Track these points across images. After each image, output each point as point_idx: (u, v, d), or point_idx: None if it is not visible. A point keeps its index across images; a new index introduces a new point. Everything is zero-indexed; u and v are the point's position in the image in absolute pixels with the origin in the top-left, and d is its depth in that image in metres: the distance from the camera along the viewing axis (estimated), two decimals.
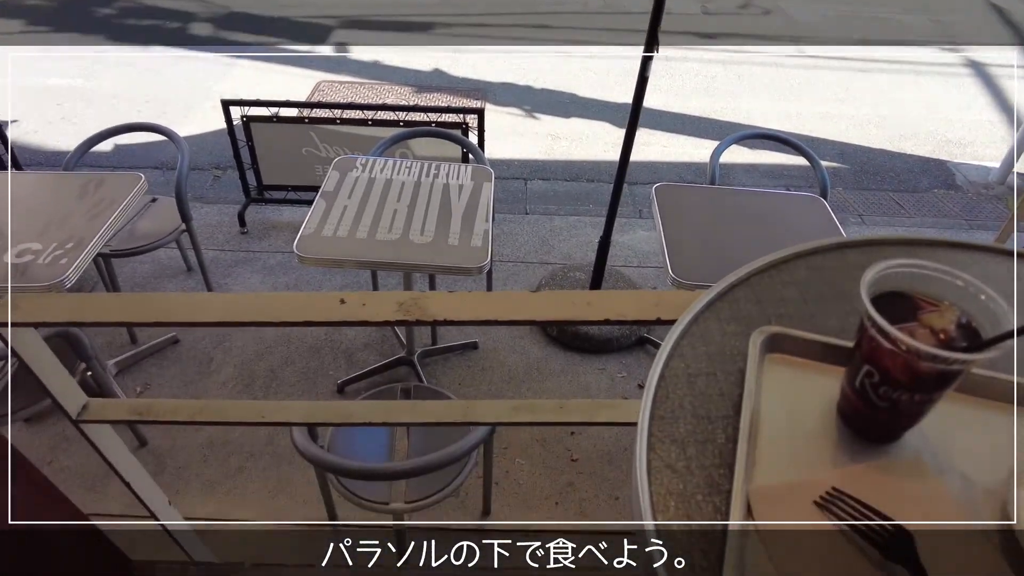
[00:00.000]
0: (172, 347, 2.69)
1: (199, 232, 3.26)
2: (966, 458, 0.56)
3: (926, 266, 0.55)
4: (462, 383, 2.55)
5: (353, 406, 1.11)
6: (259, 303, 0.97)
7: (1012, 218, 2.56)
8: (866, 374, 0.53)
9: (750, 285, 0.73)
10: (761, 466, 0.55)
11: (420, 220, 2.08)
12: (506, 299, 0.93)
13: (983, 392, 0.61)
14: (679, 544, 0.50)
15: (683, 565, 0.49)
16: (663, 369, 0.63)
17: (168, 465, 2.26)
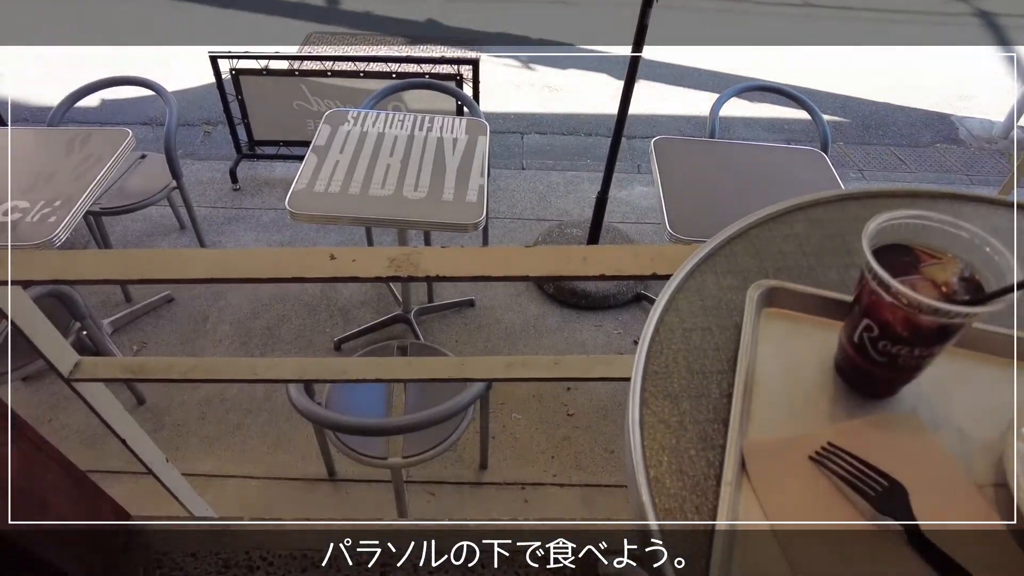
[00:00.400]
0: (167, 305, 2.68)
1: (190, 189, 3.21)
2: (963, 414, 0.55)
3: (930, 217, 0.54)
4: (459, 340, 2.55)
5: (348, 363, 1.10)
6: (248, 259, 0.95)
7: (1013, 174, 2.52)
8: (865, 328, 0.52)
9: (748, 238, 0.71)
10: (756, 421, 0.55)
11: (414, 175, 2.04)
12: (500, 254, 0.91)
13: (982, 347, 0.60)
14: (672, 499, 0.50)
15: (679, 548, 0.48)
16: (657, 324, 0.62)
17: (167, 423, 2.28)
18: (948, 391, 0.57)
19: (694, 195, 1.99)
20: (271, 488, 2.14)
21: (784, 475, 0.51)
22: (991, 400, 0.56)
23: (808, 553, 0.46)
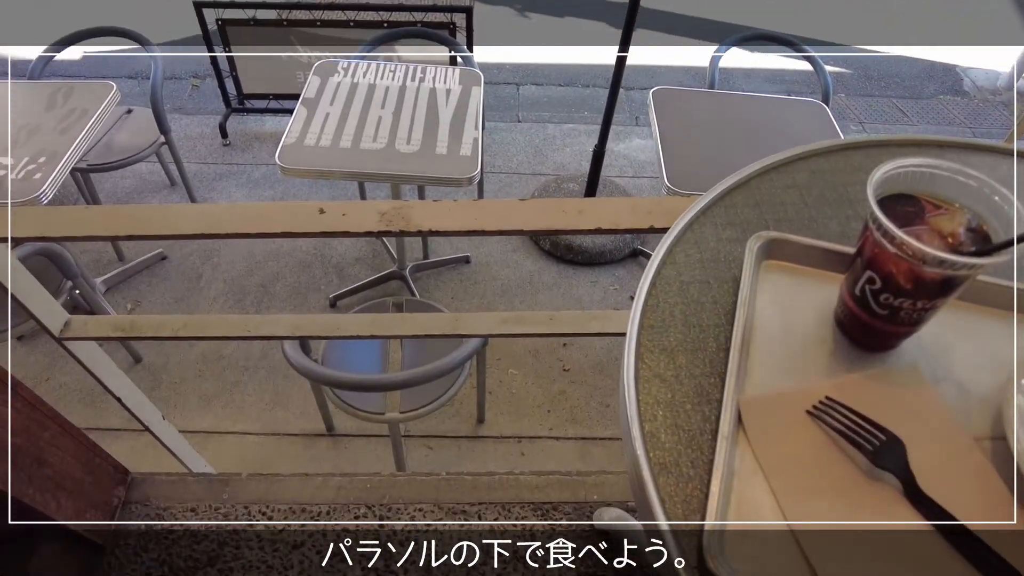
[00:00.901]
0: (160, 264, 2.65)
1: (180, 144, 3.15)
2: (964, 367, 0.55)
3: (938, 165, 0.52)
4: (455, 297, 2.54)
5: (341, 319, 1.09)
6: (237, 214, 0.93)
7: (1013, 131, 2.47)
8: (867, 280, 0.51)
9: (749, 188, 0.69)
10: (753, 375, 0.54)
11: (406, 128, 1.99)
12: (494, 208, 0.89)
13: (985, 299, 0.58)
14: (667, 453, 0.49)
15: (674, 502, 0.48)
16: (654, 277, 0.61)
17: (164, 381, 2.28)
18: (949, 344, 0.56)
19: (693, 148, 1.95)
20: (270, 444, 2.16)
21: (781, 429, 0.50)
22: (992, 353, 0.55)
23: (804, 507, 0.46)
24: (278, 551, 1.29)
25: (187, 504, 1.35)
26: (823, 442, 0.50)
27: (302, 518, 1.32)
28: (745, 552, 0.44)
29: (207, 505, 1.35)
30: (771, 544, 0.45)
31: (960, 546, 0.44)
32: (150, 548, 1.29)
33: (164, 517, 1.33)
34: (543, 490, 1.36)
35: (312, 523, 1.32)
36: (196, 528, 1.32)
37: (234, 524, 1.32)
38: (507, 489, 1.36)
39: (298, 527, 1.31)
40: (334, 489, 1.36)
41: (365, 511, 1.33)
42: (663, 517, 0.46)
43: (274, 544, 1.30)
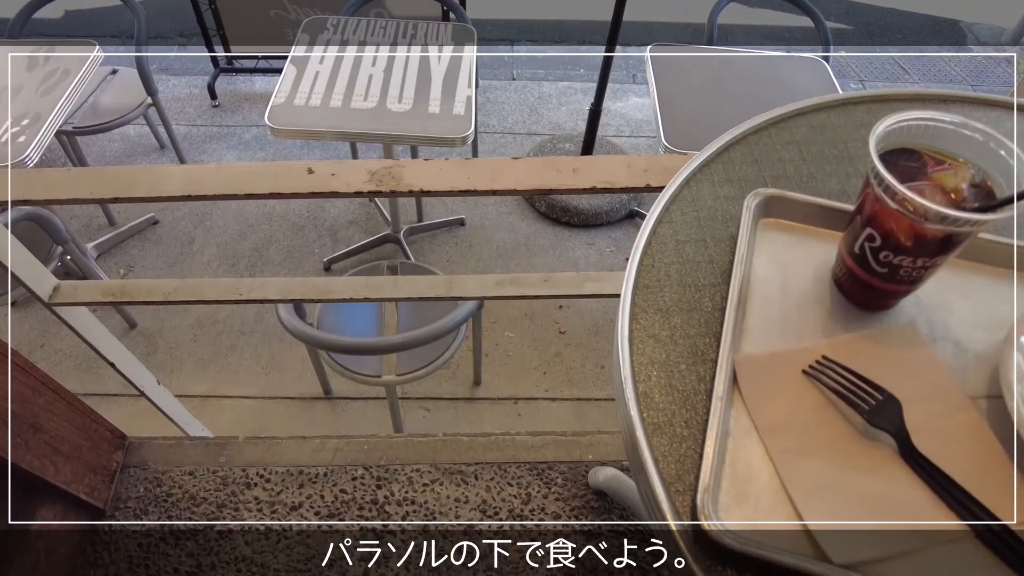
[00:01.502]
0: (152, 228, 2.62)
1: (168, 107, 3.09)
2: (962, 325, 0.54)
3: (942, 119, 0.50)
4: (450, 260, 2.53)
5: (334, 282, 1.08)
6: (222, 175, 0.91)
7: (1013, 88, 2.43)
8: (867, 238, 0.49)
9: (747, 145, 0.67)
10: (749, 335, 0.53)
11: (398, 86, 1.95)
12: (487, 167, 0.87)
13: (983, 257, 0.57)
14: (661, 413, 0.49)
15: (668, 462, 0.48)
16: (649, 236, 0.59)
17: (159, 346, 2.28)
18: (947, 302, 0.55)
19: (691, 106, 1.92)
20: (267, 408, 2.18)
21: (776, 389, 0.49)
22: (990, 312, 0.54)
23: (798, 467, 0.46)
24: (276, 512, 1.30)
25: (185, 468, 1.36)
26: (819, 402, 0.49)
27: (300, 480, 1.34)
28: (739, 512, 0.44)
29: (205, 469, 1.36)
30: (765, 504, 0.45)
31: (953, 504, 0.44)
32: (150, 511, 1.30)
33: (163, 481, 1.34)
34: (539, 450, 1.38)
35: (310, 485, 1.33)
36: (195, 491, 1.33)
37: (233, 488, 1.33)
38: (503, 449, 1.37)
39: (296, 489, 1.33)
40: (331, 451, 1.37)
41: (363, 472, 1.34)
42: (656, 477, 0.46)
43: (272, 506, 1.31)
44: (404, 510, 1.30)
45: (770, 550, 0.41)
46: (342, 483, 1.33)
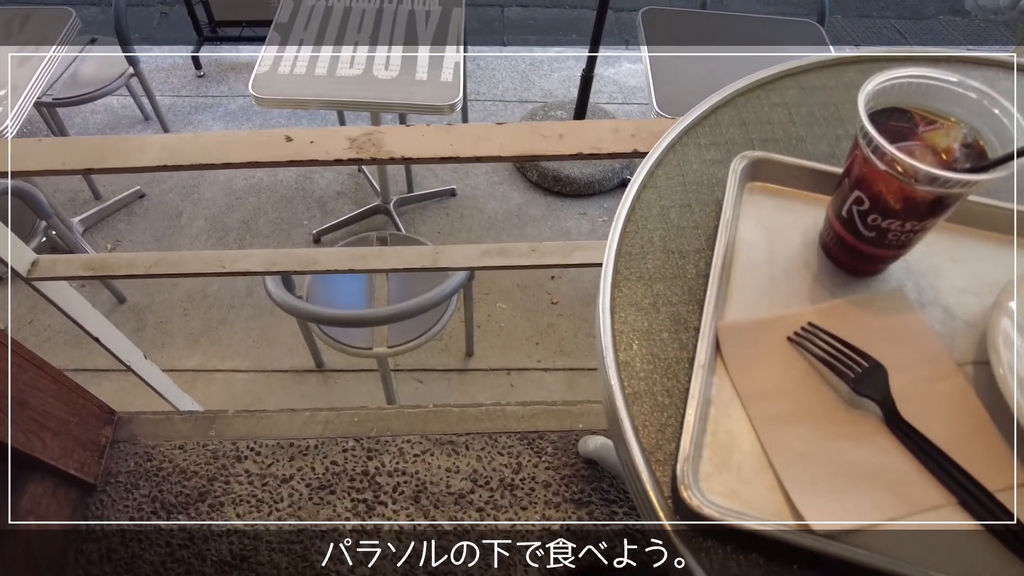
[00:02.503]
0: (139, 202, 2.59)
1: (151, 77, 3.03)
2: (951, 291, 0.53)
3: (935, 76, 0.48)
4: (441, 231, 2.50)
5: (319, 253, 1.06)
6: (199, 144, 0.89)
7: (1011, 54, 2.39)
8: (855, 201, 0.48)
9: (735, 107, 0.65)
10: (734, 302, 0.52)
11: (384, 53, 1.90)
12: (470, 133, 0.85)
13: (976, 222, 0.56)
14: (642, 382, 0.48)
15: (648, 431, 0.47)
16: (633, 202, 0.58)
17: (149, 321, 2.26)
18: (937, 267, 0.54)
19: (684, 71, 1.88)
20: (259, 381, 2.17)
21: (760, 357, 0.48)
22: (981, 276, 0.53)
23: (781, 435, 0.45)
24: (267, 485, 1.30)
25: (175, 442, 1.35)
26: (804, 369, 0.48)
27: (290, 453, 1.33)
28: (720, 480, 0.44)
29: (195, 443, 1.35)
30: (747, 472, 0.44)
31: (937, 472, 0.43)
32: (141, 485, 1.30)
33: (154, 456, 1.33)
34: (529, 420, 1.37)
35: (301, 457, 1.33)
36: (185, 465, 1.33)
37: (223, 461, 1.33)
38: (494, 420, 1.37)
39: (287, 462, 1.33)
40: (322, 424, 1.37)
41: (353, 444, 1.34)
42: (636, 446, 0.45)
43: (263, 479, 1.31)
44: (395, 481, 1.30)
45: (749, 519, 0.41)
46: (333, 455, 1.33)
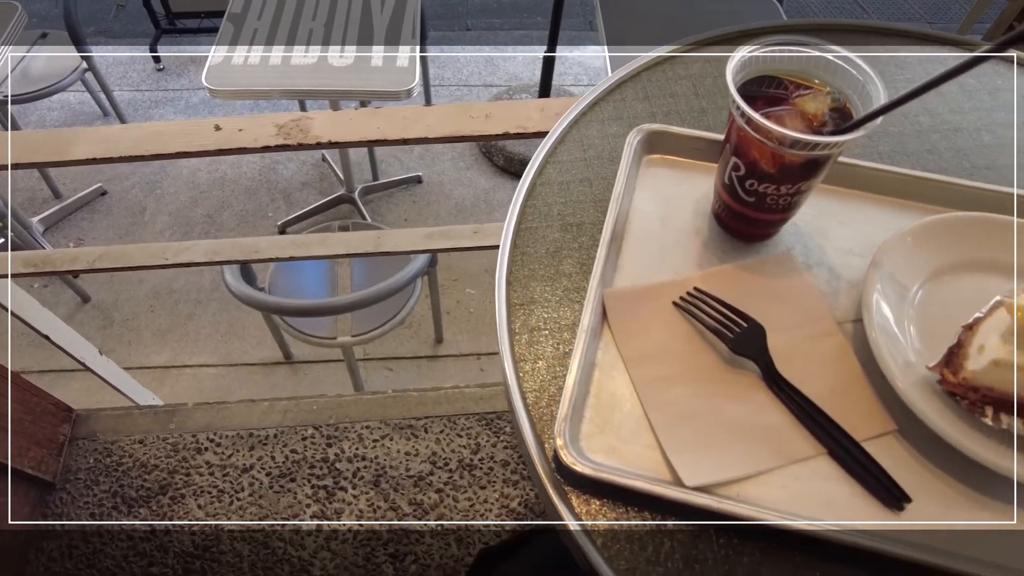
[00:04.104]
0: (101, 199, 2.56)
1: (109, 71, 2.99)
2: (837, 252, 0.54)
3: (803, 43, 0.49)
4: (407, 219, 2.50)
5: (260, 242, 1.06)
6: (129, 135, 0.88)
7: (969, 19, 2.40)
8: (733, 167, 0.49)
9: (639, 81, 0.66)
10: (626, 270, 0.53)
11: (339, 40, 1.89)
12: (397, 115, 0.85)
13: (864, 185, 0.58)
14: (533, 347, 0.49)
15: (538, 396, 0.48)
16: (534, 178, 0.59)
17: (115, 318, 2.25)
18: (826, 229, 0.56)
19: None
20: (229, 375, 2.17)
21: (645, 321, 0.50)
22: (867, 237, 0.54)
23: (661, 395, 0.46)
24: (228, 475, 1.31)
25: (135, 436, 1.36)
26: (687, 332, 0.50)
27: (250, 443, 1.34)
28: (601, 440, 0.45)
29: (155, 436, 1.36)
30: (627, 431, 0.45)
31: (810, 424, 0.45)
32: (101, 481, 1.30)
33: (113, 451, 1.34)
34: (488, 401, 1.39)
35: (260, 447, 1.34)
36: (145, 459, 1.33)
37: (184, 454, 1.34)
38: (453, 403, 1.39)
39: (247, 451, 1.33)
40: (281, 413, 1.38)
41: (313, 432, 1.35)
42: (522, 408, 0.46)
43: (224, 469, 1.32)
44: (355, 466, 1.31)
45: (623, 475, 0.42)
46: (292, 443, 1.34)
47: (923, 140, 0.63)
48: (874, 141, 0.63)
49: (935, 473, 0.44)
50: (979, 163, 0.61)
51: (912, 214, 0.56)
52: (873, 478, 0.43)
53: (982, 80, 0.68)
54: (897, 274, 0.50)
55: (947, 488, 0.44)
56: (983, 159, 0.62)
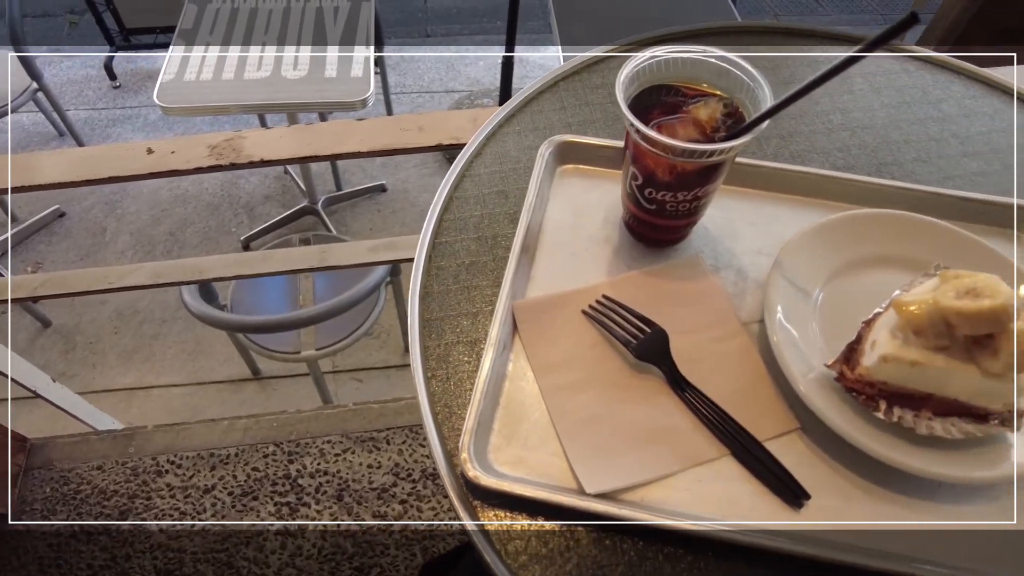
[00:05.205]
0: (59, 221, 2.52)
1: (63, 90, 2.94)
2: (746, 253, 0.55)
3: (693, 52, 0.50)
4: (373, 228, 2.49)
5: (204, 262, 1.06)
6: (58, 161, 0.87)
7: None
8: (632, 176, 0.50)
9: (556, 91, 0.67)
10: (538, 281, 0.54)
11: (292, 52, 1.89)
12: (330, 130, 0.85)
13: (774, 186, 0.59)
14: (447, 363, 0.50)
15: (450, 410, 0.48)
16: (451, 192, 0.59)
17: (78, 342, 2.21)
18: (736, 231, 0.57)
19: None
20: (197, 394, 2.15)
21: (554, 330, 0.50)
22: (776, 237, 0.55)
23: (567, 403, 0.47)
24: (190, 497, 1.30)
25: (92, 463, 1.34)
26: (595, 340, 0.50)
27: (211, 463, 1.33)
28: (509, 450, 0.46)
29: (114, 461, 1.34)
30: (534, 440, 0.46)
31: (712, 426, 0.46)
32: (58, 510, 1.28)
33: (70, 479, 1.32)
34: None
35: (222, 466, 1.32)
36: (104, 485, 1.31)
37: (144, 477, 1.32)
38: (414, 413, 1.38)
39: (208, 472, 1.32)
40: (241, 431, 1.37)
41: (274, 448, 1.35)
42: (432, 423, 0.47)
43: (185, 491, 1.31)
44: (317, 481, 1.31)
45: (526, 485, 0.43)
46: (254, 461, 1.34)
47: (833, 138, 0.65)
48: (786, 141, 0.64)
49: (836, 469, 0.45)
50: (886, 159, 0.63)
51: (820, 212, 0.57)
52: (774, 477, 0.44)
53: (891, 78, 0.70)
54: (800, 273, 0.52)
55: (846, 483, 0.45)
56: (890, 155, 0.63)
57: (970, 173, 0.62)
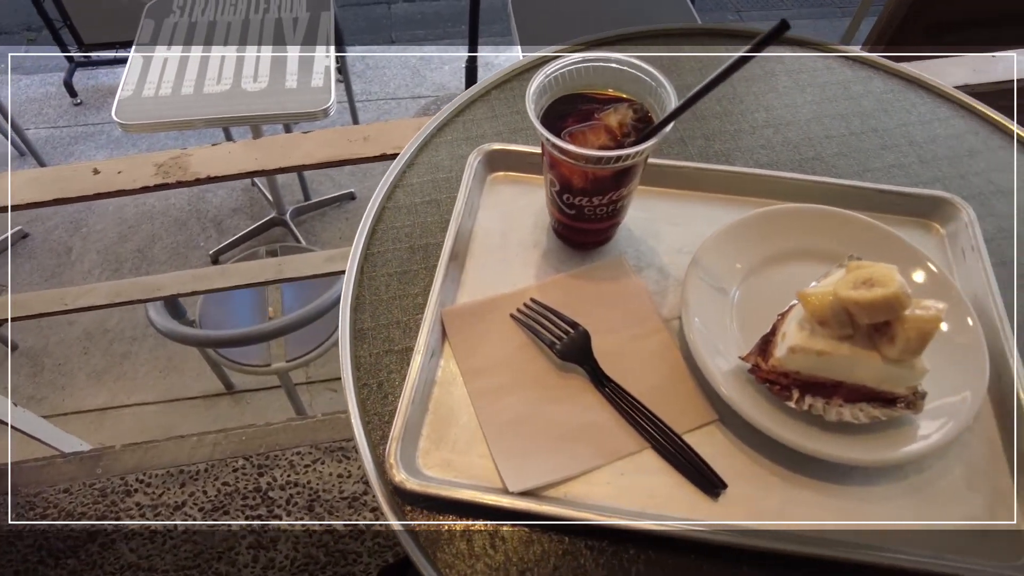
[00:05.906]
0: (22, 242, 2.49)
1: (23, 108, 2.91)
2: (667, 252, 0.57)
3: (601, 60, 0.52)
4: (342, 237, 2.49)
5: (160, 279, 1.06)
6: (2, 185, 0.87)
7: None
8: (551, 183, 0.52)
9: (488, 100, 0.68)
10: (468, 287, 0.55)
11: (252, 64, 1.88)
12: (276, 144, 0.86)
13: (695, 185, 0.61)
14: (378, 372, 0.51)
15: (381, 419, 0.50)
16: (383, 202, 0.60)
17: (46, 364, 2.19)
18: (658, 232, 0.58)
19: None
20: (170, 411, 2.13)
21: (483, 335, 0.52)
22: (696, 235, 0.57)
23: (494, 405, 0.48)
24: (160, 515, 1.29)
25: (59, 486, 1.33)
26: (522, 343, 0.52)
27: (181, 479, 1.33)
28: (438, 454, 0.47)
29: (81, 483, 1.33)
30: (462, 443, 0.47)
31: (633, 421, 0.48)
32: (24, 535, 1.27)
33: (35, 504, 1.31)
34: None
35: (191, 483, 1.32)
36: (71, 508, 1.30)
37: (112, 498, 1.31)
38: None
39: (178, 489, 1.32)
40: (210, 446, 1.37)
41: (243, 463, 1.35)
42: (361, 431, 0.48)
43: (155, 509, 1.30)
44: (288, 493, 1.31)
45: (452, 487, 0.44)
46: (224, 476, 1.33)
47: (758, 136, 0.67)
48: (710, 141, 0.66)
49: (752, 458, 0.47)
50: (808, 155, 0.65)
51: (742, 209, 0.59)
52: (692, 468, 0.46)
53: (815, 75, 0.72)
54: (717, 270, 0.53)
55: (762, 471, 0.47)
56: (811, 151, 0.65)
57: (887, 165, 0.64)
